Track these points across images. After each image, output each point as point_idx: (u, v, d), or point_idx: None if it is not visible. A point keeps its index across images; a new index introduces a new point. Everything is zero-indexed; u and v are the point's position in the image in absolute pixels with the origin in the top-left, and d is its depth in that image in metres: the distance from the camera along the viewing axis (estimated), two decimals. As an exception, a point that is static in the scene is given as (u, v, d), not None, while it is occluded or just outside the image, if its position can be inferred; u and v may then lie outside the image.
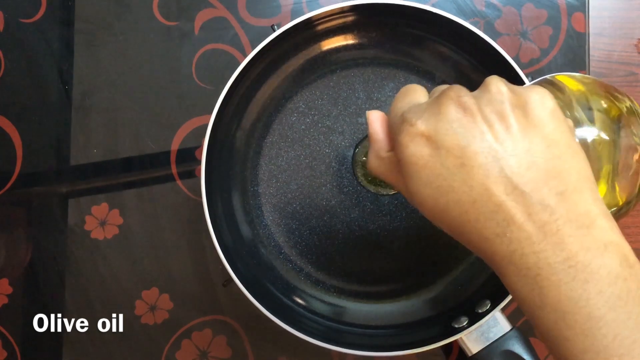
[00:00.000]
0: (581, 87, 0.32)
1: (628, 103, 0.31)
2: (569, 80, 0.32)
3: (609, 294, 0.22)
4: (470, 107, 0.24)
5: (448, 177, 0.23)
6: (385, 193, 0.44)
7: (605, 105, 0.31)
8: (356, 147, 0.44)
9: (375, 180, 0.44)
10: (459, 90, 0.24)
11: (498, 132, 0.23)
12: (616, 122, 0.30)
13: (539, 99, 0.24)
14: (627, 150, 0.30)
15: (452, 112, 0.24)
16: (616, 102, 0.30)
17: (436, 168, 0.24)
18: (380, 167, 0.28)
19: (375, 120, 0.28)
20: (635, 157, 0.30)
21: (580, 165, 0.24)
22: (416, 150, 0.24)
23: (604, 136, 0.30)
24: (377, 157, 0.28)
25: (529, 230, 0.22)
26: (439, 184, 0.24)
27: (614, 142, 0.30)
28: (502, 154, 0.23)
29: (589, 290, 0.22)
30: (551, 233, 0.22)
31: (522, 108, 0.24)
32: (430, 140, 0.24)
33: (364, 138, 0.44)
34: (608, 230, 0.23)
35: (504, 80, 0.25)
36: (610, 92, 0.31)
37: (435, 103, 0.24)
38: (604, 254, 0.22)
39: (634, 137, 0.30)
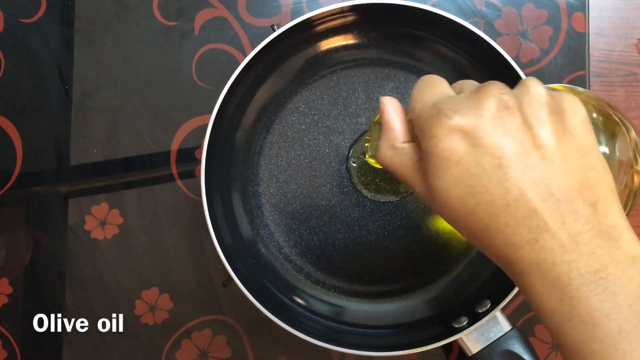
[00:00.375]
0: (585, 101, 0.32)
1: (624, 120, 0.31)
2: (572, 92, 0.33)
3: (639, 308, 0.21)
4: (512, 106, 0.23)
5: (482, 177, 0.22)
6: (382, 200, 0.44)
7: (602, 119, 0.31)
8: (350, 148, 0.44)
9: (372, 185, 0.44)
10: (502, 88, 0.24)
11: (537, 136, 0.23)
12: (613, 137, 0.30)
13: (572, 106, 0.24)
14: (621, 165, 0.30)
15: (493, 109, 0.23)
16: (614, 117, 0.31)
17: (471, 166, 0.22)
18: (393, 159, 0.27)
19: (391, 107, 0.27)
20: (628, 172, 0.30)
21: (609, 178, 0.23)
22: (452, 144, 0.23)
23: (604, 150, 0.30)
24: (392, 147, 0.27)
25: (562, 239, 0.22)
26: (471, 184, 0.23)
27: (611, 157, 0.30)
28: (540, 159, 0.22)
29: (620, 303, 0.21)
30: (583, 243, 0.22)
31: (558, 114, 0.23)
32: (468, 135, 0.23)
33: (356, 141, 0.44)
34: (634, 243, 0.23)
35: (540, 81, 0.24)
36: (610, 108, 0.31)
37: (475, 98, 0.23)
38: (632, 267, 0.22)
39: (628, 152, 0.30)
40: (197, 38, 0.48)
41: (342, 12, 0.42)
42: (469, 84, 0.26)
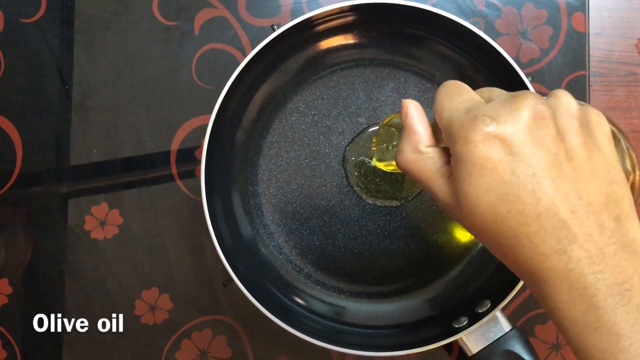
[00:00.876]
0: None
1: (622, 134, 0.32)
2: None
3: None
4: (547, 117, 0.23)
5: (516, 185, 0.23)
6: (382, 204, 0.44)
7: None
8: (345, 148, 0.44)
9: (372, 185, 0.44)
10: (537, 98, 0.24)
11: (570, 149, 0.23)
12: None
13: (598, 120, 0.24)
14: None
15: (529, 118, 0.23)
16: (613, 130, 0.31)
17: (505, 174, 0.23)
18: (416, 163, 0.27)
19: (414, 110, 0.27)
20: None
21: (629, 193, 0.24)
22: (488, 151, 0.23)
23: None
24: (415, 150, 0.27)
25: (590, 250, 0.22)
26: (505, 192, 0.23)
27: None
28: (572, 171, 0.23)
29: None
30: (609, 255, 0.22)
31: (587, 127, 0.24)
32: (505, 143, 0.23)
33: (352, 140, 0.44)
34: None
35: (570, 94, 0.25)
36: (609, 121, 0.32)
37: (511, 106, 0.23)
38: None
39: (625, 163, 0.31)
40: (197, 38, 0.48)
41: (342, 12, 0.42)
42: (499, 91, 0.26)
